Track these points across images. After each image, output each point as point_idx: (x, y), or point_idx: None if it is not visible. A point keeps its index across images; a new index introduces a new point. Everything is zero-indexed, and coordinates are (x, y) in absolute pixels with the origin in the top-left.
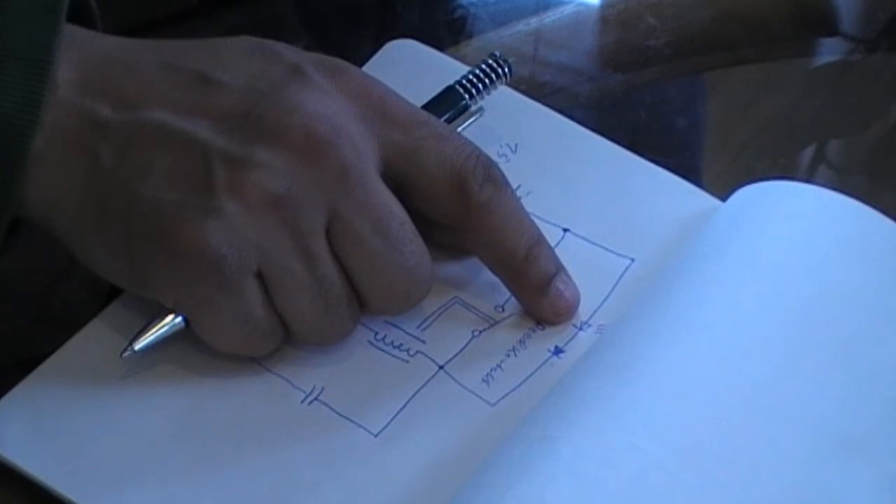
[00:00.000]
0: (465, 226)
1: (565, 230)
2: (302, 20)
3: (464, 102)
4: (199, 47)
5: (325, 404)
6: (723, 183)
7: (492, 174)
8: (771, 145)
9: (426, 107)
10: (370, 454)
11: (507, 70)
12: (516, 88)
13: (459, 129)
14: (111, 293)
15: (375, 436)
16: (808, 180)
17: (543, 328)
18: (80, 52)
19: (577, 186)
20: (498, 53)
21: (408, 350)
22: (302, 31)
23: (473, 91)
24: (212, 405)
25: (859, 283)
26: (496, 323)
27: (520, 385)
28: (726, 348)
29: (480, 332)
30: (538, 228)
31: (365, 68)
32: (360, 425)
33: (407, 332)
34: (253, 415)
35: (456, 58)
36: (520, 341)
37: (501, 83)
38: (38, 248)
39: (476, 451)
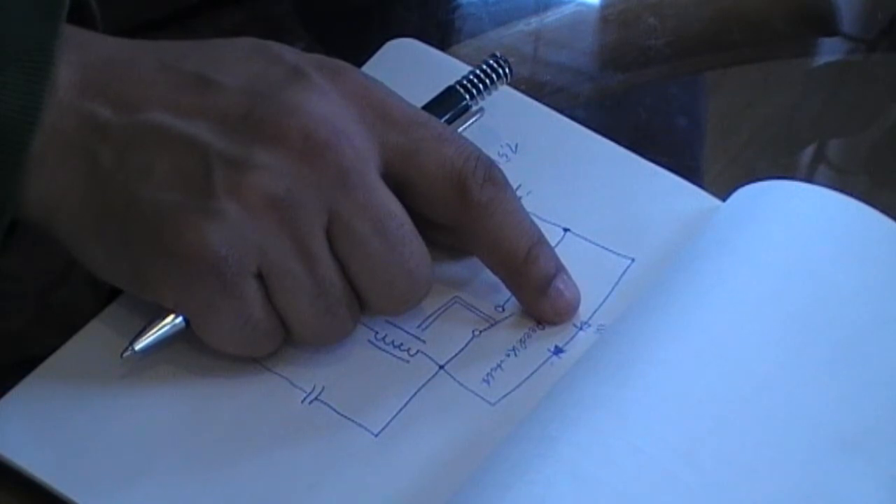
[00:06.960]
0: (466, 226)
1: (565, 230)
2: (302, 20)
3: (464, 103)
4: (199, 48)
5: (326, 404)
6: (723, 183)
7: (492, 175)
8: (771, 145)
9: (426, 107)
10: (370, 454)
11: (507, 70)
12: (516, 88)
13: (460, 129)
14: (111, 293)
15: (376, 436)
16: (808, 180)
17: (543, 328)
18: (80, 54)
19: (577, 186)
20: (498, 54)
21: (408, 350)
22: (302, 31)
23: (474, 91)
24: (212, 405)
25: (859, 283)
26: (496, 323)
27: (520, 385)
28: (726, 348)
29: (481, 331)
30: (538, 228)
31: (365, 68)
32: (360, 425)
33: (407, 332)
34: (253, 415)
35: (456, 58)
36: (520, 341)
37: (502, 83)
38: (38, 248)
39: (476, 451)
